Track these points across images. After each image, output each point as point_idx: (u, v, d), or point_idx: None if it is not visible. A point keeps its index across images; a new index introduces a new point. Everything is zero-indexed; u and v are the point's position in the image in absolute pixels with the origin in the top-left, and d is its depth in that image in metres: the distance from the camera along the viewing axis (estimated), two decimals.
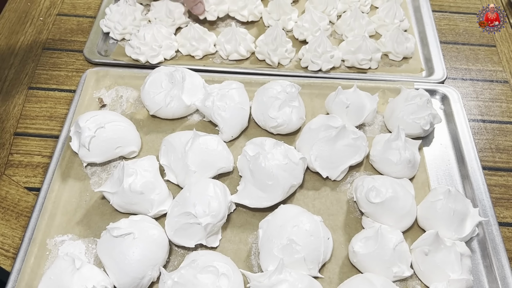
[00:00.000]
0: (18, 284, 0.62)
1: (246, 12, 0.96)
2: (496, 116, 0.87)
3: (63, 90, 0.87)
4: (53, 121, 0.82)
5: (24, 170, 0.76)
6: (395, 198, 0.67)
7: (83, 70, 0.88)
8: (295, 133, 0.80)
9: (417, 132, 0.78)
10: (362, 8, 0.99)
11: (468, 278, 0.62)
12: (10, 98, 0.86)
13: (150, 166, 0.70)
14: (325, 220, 0.68)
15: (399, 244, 0.63)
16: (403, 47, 0.91)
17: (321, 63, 0.87)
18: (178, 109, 0.78)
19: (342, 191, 0.74)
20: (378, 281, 0.60)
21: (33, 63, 0.91)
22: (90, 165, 0.75)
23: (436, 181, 0.76)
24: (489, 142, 0.83)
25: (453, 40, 0.99)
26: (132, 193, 0.66)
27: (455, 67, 0.94)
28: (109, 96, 0.84)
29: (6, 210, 0.72)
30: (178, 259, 0.66)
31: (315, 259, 0.63)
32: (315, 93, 0.85)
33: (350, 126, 0.74)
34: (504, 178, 0.78)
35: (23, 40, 0.95)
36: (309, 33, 0.93)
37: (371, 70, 0.91)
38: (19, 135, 0.81)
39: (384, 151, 0.73)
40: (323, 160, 0.73)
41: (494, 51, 0.97)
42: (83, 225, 0.69)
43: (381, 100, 0.83)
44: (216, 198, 0.65)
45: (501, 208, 0.75)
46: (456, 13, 1.05)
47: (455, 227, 0.66)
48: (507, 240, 0.71)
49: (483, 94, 0.90)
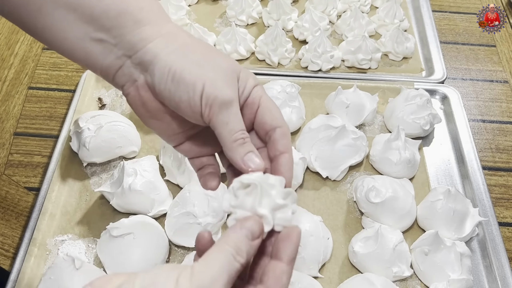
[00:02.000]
0: (18, 284, 0.62)
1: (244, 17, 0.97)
2: (496, 116, 0.87)
3: (63, 90, 0.87)
4: (53, 121, 0.82)
5: (24, 170, 0.76)
6: (395, 198, 0.67)
7: (83, 70, 0.88)
8: (295, 133, 0.80)
9: (417, 132, 0.78)
10: (362, 8, 0.99)
11: (468, 278, 0.62)
12: (10, 98, 0.86)
13: (150, 166, 0.70)
14: (325, 220, 0.68)
15: (399, 244, 0.63)
16: (403, 47, 0.91)
17: (321, 63, 0.87)
18: None
19: (342, 191, 0.74)
20: (378, 281, 0.60)
21: (33, 63, 0.91)
22: (90, 165, 0.75)
23: (436, 181, 0.76)
24: (489, 142, 0.83)
25: (453, 40, 0.99)
26: (132, 193, 0.66)
27: (455, 67, 0.94)
28: (109, 96, 0.84)
29: (6, 210, 0.72)
30: (178, 259, 0.66)
31: (315, 259, 0.63)
32: (315, 93, 0.85)
33: (350, 126, 0.74)
34: (504, 178, 0.78)
35: (23, 40, 0.95)
36: (309, 33, 0.93)
37: (371, 70, 0.91)
38: (19, 135, 0.81)
39: (384, 151, 0.73)
40: (323, 160, 0.73)
41: (494, 51, 0.97)
42: (83, 225, 0.68)
43: (381, 100, 0.83)
44: (216, 198, 0.65)
45: (501, 208, 0.75)
46: (456, 13, 1.05)
47: (455, 227, 0.66)
48: (507, 240, 0.71)
49: (483, 94, 0.90)
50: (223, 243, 0.35)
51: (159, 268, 0.33)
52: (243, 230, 0.36)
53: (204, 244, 0.38)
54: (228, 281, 0.33)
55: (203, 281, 0.31)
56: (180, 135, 0.45)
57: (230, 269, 0.33)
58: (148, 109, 0.44)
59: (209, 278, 0.32)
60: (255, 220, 0.37)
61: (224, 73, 0.41)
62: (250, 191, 0.38)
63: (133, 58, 0.42)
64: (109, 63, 0.43)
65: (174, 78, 0.40)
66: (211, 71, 0.40)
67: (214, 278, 0.32)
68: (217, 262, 0.33)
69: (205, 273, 0.32)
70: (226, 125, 0.40)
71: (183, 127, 0.45)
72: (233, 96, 0.40)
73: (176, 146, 0.46)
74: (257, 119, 0.43)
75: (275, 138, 0.42)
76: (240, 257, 0.34)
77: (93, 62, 0.43)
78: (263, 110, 0.42)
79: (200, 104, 0.40)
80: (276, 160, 0.42)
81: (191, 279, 0.31)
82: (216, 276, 0.32)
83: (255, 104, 0.42)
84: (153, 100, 0.43)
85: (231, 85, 0.41)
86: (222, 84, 0.40)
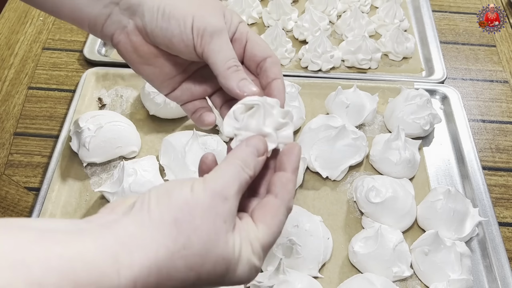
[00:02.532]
0: None
1: (244, 17, 0.96)
2: (496, 116, 0.87)
3: (63, 90, 0.87)
4: (53, 121, 0.82)
5: (24, 170, 0.76)
6: (395, 198, 0.67)
7: (83, 70, 0.88)
8: (295, 133, 0.79)
9: (417, 132, 0.78)
10: (362, 8, 0.99)
11: (468, 278, 0.62)
12: (10, 98, 0.86)
13: (150, 166, 0.70)
14: (325, 220, 0.68)
15: (399, 244, 0.63)
16: (403, 47, 0.91)
17: (321, 63, 0.87)
18: (178, 109, 0.78)
19: (342, 191, 0.74)
20: (378, 281, 0.60)
21: (33, 63, 0.91)
22: (90, 165, 0.74)
23: (436, 181, 0.76)
24: (489, 142, 0.83)
25: (453, 40, 0.99)
26: (132, 193, 0.66)
27: (455, 67, 0.94)
28: (109, 96, 0.84)
29: (6, 210, 0.72)
30: None
31: (315, 259, 0.63)
32: (315, 93, 0.85)
33: (350, 126, 0.74)
34: (504, 178, 0.78)
35: (23, 40, 0.95)
36: (309, 33, 0.92)
37: (371, 70, 0.91)
38: (19, 135, 0.81)
39: (384, 151, 0.73)
40: (323, 160, 0.73)
41: (494, 51, 0.97)
42: None
43: (381, 100, 0.83)
44: None
45: (501, 208, 0.74)
46: (456, 13, 1.05)
47: (455, 227, 0.66)
48: (507, 240, 0.71)
49: (483, 94, 0.90)
50: (231, 158, 0.36)
51: (171, 181, 0.35)
52: (249, 147, 0.37)
53: (208, 164, 0.39)
54: (239, 189, 0.34)
55: (216, 186, 0.33)
56: (172, 81, 0.47)
57: (241, 178, 0.35)
58: (140, 54, 0.45)
59: (222, 184, 0.33)
60: (260, 138, 0.39)
61: (212, 7, 0.43)
62: (253, 113, 0.40)
63: (121, 4, 0.43)
64: (97, 13, 0.44)
65: (164, 15, 0.42)
66: (198, 6, 0.43)
67: (226, 184, 0.34)
68: (228, 171, 0.35)
69: (217, 180, 0.34)
70: (218, 53, 0.42)
71: (175, 71, 0.46)
72: (223, 25, 0.43)
73: (168, 94, 0.48)
74: (246, 53, 0.45)
75: (267, 67, 0.44)
76: (249, 170, 0.36)
77: (80, 14, 0.44)
78: (252, 43, 0.45)
79: (192, 36, 0.42)
80: (268, 86, 0.44)
81: (205, 186, 0.33)
82: (229, 182, 0.34)
83: (242, 39, 0.45)
84: (144, 44, 0.44)
85: (219, 17, 0.43)
86: (210, 15, 0.42)
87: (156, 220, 0.31)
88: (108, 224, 0.30)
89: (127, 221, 0.31)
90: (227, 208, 0.33)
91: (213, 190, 0.33)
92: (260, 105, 0.39)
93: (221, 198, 0.33)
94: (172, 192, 0.32)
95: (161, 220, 0.31)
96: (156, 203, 0.31)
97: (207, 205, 0.32)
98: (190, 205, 0.32)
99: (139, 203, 0.32)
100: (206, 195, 0.32)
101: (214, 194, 0.32)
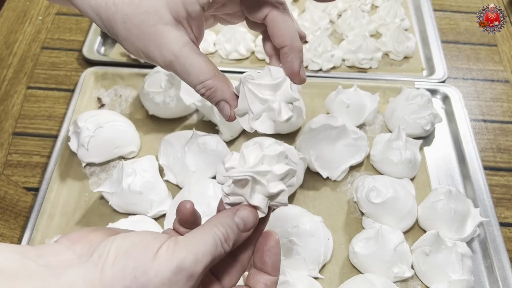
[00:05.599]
0: None
1: None
2: (497, 116, 0.86)
3: (62, 89, 0.87)
4: (52, 120, 0.82)
5: (22, 170, 0.76)
6: (396, 198, 0.66)
7: (82, 69, 0.88)
8: (295, 133, 0.79)
9: (418, 132, 0.78)
10: (362, 7, 0.99)
11: (469, 278, 0.62)
12: (8, 97, 0.85)
13: (150, 166, 0.70)
14: (325, 221, 0.67)
15: (399, 245, 0.63)
16: (404, 47, 0.91)
17: (321, 63, 0.87)
18: (177, 109, 0.78)
19: (343, 192, 0.73)
20: (379, 281, 0.60)
21: (31, 63, 0.91)
22: (89, 165, 0.74)
23: (437, 181, 0.76)
24: (490, 142, 0.82)
25: (454, 40, 0.99)
26: (131, 193, 0.66)
27: (456, 67, 0.94)
28: (108, 96, 0.83)
29: (4, 210, 0.72)
30: None
31: (315, 259, 0.63)
32: (315, 93, 0.84)
33: (350, 126, 0.74)
34: (505, 178, 0.78)
35: (22, 40, 0.95)
36: (309, 33, 0.92)
37: (372, 70, 0.90)
38: (17, 135, 0.80)
39: (385, 151, 0.73)
40: (323, 160, 0.72)
41: (495, 51, 0.97)
42: (82, 225, 0.68)
43: (381, 99, 0.82)
44: (216, 199, 0.65)
45: (502, 208, 0.74)
46: (457, 12, 1.04)
47: (456, 228, 0.66)
48: (508, 240, 0.70)
49: (484, 93, 0.90)
50: (213, 225, 0.34)
51: (139, 234, 0.32)
52: (237, 219, 0.35)
53: (185, 214, 0.37)
54: (210, 264, 0.32)
55: (184, 261, 0.30)
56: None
57: (215, 253, 0.32)
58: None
59: (191, 260, 0.31)
60: (251, 212, 0.36)
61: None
62: (245, 184, 0.37)
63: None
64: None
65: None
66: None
67: (196, 259, 0.31)
68: (203, 243, 0.32)
69: (188, 252, 0.31)
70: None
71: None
72: None
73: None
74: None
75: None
76: (227, 245, 0.34)
77: None
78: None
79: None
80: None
81: (173, 256, 0.30)
82: (200, 257, 0.31)
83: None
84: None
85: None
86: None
87: (107, 285, 0.29)
88: (57, 269, 0.29)
89: (77, 274, 0.29)
90: (188, 287, 0.30)
91: (179, 264, 0.30)
92: (249, 179, 0.36)
93: (186, 276, 0.30)
94: (132, 255, 0.30)
95: (112, 286, 0.29)
96: (112, 263, 0.29)
97: (167, 279, 0.29)
98: (147, 276, 0.29)
99: (97, 255, 0.30)
100: (169, 269, 0.30)
101: (179, 270, 0.30)
